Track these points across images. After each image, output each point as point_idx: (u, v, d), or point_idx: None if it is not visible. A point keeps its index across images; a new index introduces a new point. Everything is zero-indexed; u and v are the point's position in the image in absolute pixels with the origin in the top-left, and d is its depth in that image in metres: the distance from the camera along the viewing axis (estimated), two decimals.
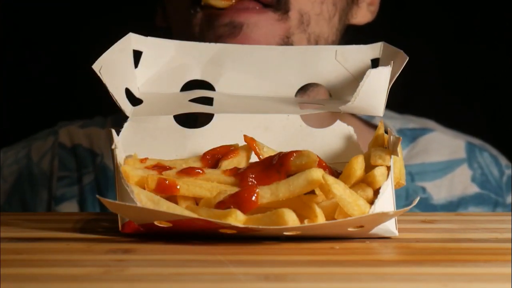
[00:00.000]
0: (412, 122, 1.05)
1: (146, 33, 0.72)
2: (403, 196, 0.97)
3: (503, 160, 1.05)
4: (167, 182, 0.62)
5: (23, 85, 1.38)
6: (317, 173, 0.59)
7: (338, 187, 0.58)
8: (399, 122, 1.04)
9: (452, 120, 1.12)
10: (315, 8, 0.87)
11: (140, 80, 0.72)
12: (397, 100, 0.81)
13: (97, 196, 0.68)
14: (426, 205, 0.99)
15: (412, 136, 1.03)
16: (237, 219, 0.58)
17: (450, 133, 1.05)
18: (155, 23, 0.97)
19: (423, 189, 1.00)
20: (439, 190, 1.00)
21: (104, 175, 0.98)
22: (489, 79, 1.47)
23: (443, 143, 1.03)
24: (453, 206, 1.00)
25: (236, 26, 0.84)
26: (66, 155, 1.01)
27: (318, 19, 0.87)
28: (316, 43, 0.88)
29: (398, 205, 0.62)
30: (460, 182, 1.01)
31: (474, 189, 1.01)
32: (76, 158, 1.01)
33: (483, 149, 1.04)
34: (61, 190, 0.99)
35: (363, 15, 0.95)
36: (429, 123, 1.06)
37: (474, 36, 1.46)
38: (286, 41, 0.86)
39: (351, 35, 0.95)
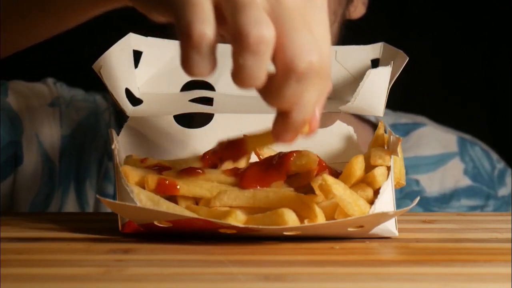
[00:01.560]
0: (404, 118, 1.07)
1: (145, 33, 0.72)
2: (397, 190, 0.98)
3: (494, 155, 1.07)
4: (167, 182, 0.62)
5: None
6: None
7: (338, 188, 0.58)
8: (391, 117, 1.06)
9: (451, 119, 1.13)
10: None
11: (140, 80, 0.72)
12: (397, 99, 0.81)
13: (97, 196, 0.68)
14: (419, 198, 1.00)
15: (404, 130, 1.04)
16: (237, 219, 0.58)
17: (441, 128, 1.08)
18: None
19: (417, 182, 1.02)
20: (432, 183, 1.02)
21: None
22: (490, 79, 1.47)
23: (435, 137, 1.05)
24: (446, 198, 1.02)
25: None
26: (118, 117, 1.01)
27: None
28: None
29: None
30: (453, 175, 1.03)
31: (466, 182, 1.03)
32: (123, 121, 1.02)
33: (474, 143, 1.06)
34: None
35: (358, 10, 0.97)
36: (420, 119, 1.08)
37: (474, 35, 1.46)
38: None
39: (351, 35, 0.95)
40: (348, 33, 0.96)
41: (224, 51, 0.73)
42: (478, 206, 1.02)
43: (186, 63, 0.54)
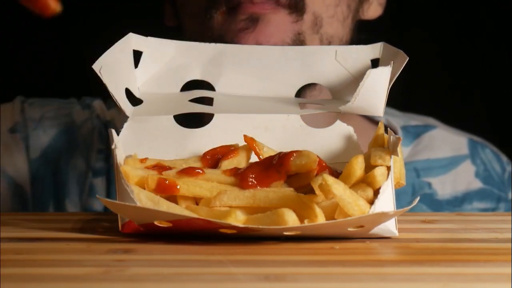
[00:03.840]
0: (414, 120, 1.07)
1: (145, 33, 0.72)
2: (409, 192, 0.98)
3: (504, 157, 1.06)
4: (167, 182, 0.62)
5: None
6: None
7: (338, 187, 0.58)
8: (401, 119, 1.06)
9: (454, 118, 1.13)
10: (329, 10, 0.88)
11: (140, 80, 0.72)
12: (398, 98, 0.81)
13: (97, 196, 0.68)
14: (432, 201, 0.99)
15: (415, 132, 1.04)
16: (237, 219, 0.58)
17: (451, 130, 1.07)
18: (164, 23, 0.97)
19: (429, 185, 1.01)
20: (444, 185, 1.02)
21: None
22: (491, 77, 1.47)
23: (446, 140, 1.05)
24: (458, 201, 1.01)
25: (253, 20, 0.85)
26: (103, 129, 1.00)
27: (332, 21, 0.88)
28: (330, 43, 0.88)
29: (405, 201, 0.62)
30: (464, 178, 1.03)
31: (478, 184, 1.03)
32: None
33: (484, 146, 1.06)
34: (100, 164, 0.98)
35: (374, 10, 0.96)
36: (431, 120, 1.08)
37: (476, 32, 1.46)
38: (298, 37, 0.86)
39: (364, 36, 0.95)
40: (361, 36, 0.95)
41: (224, 50, 0.74)
42: (490, 209, 1.02)
43: None
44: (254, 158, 0.67)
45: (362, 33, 0.84)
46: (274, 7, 0.85)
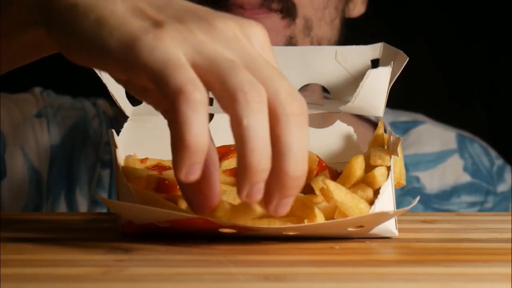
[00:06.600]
0: (403, 116, 1.08)
1: None
2: None
3: (492, 151, 1.08)
4: (167, 182, 0.62)
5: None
6: None
7: (339, 193, 0.58)
8: (390, 116, 1.07)
9: (450, 117, 1.13)
10: (317, 13, 0.90)
11: None
12: (396, 99, 0.82)
13: (97, 196, 0.68)
14: (420, 194, 1.00)
15: (404, 128, 1.05)
16: (224, 209, 0.58)
17: (440, 126, 1.09)
18: None
19: (417, 179, 1.02)
20: (432, 180, 1.03)
21: None
22: (488, 77, 1.47)
23: (434, 135, 1.07)
24: (446, 195, 1.03)
25: None
26: (109, 123, 1.02)
27: (321, 24, 0.90)
28: (319, 45, 0.90)
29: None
30: (452, 172, 1.04)
31: (466, 178, 1.04)
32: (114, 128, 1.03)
33: (473, 140, 1.07)
34: (108, 156, 1.00)
35: (357, 8, 0.98)
36: (419, 117, 1.09)
37: (474, 35, 1.46)
38: (290, 40, 0.89)
39: (351, 35, 0.95)
40: (348, 33, 0.96)
41: None
42: (478, 203, 1.03)
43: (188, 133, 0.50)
44: None
45: (360, 37, 0.84)
46: (266, 12, 0.87)
